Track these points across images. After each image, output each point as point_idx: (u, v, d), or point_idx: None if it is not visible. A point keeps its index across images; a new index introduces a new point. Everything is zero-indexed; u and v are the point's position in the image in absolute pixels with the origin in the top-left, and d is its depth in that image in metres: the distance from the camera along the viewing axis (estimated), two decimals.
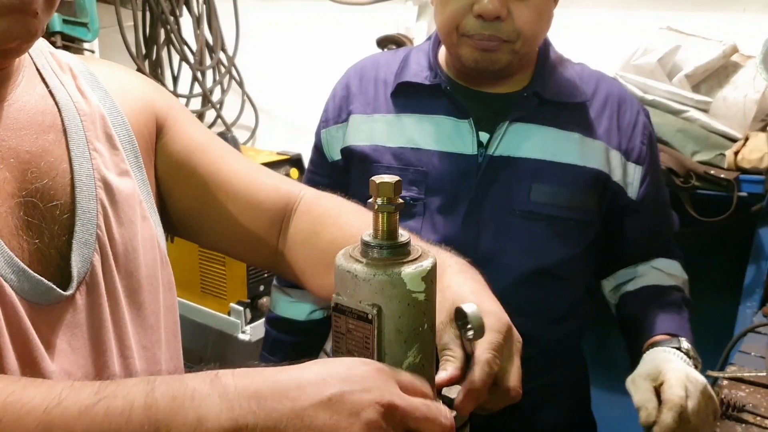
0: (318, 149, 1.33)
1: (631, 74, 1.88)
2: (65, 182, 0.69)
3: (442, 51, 1.26)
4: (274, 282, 1.45)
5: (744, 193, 1.68)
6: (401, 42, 2.20)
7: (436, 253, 0.68)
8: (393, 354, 0.60)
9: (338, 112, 1.28)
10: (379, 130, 1.22)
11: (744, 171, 1.70)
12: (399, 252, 0.60)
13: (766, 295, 1.74)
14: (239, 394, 0.53)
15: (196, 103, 2.72)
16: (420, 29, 2.39)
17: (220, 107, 2.73)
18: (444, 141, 1.18)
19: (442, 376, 0.63)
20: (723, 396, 1.22)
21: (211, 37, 2.63)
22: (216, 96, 2.72)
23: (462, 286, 0.68)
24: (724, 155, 1.73)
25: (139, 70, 2.36)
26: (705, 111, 1.85)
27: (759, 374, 1.32)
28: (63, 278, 0.68)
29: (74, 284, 0.67)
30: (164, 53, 2.56)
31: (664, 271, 1.32)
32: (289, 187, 0.92)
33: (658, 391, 1.02)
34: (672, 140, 1.79)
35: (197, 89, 2.64)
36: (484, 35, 1.10)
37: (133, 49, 2.37)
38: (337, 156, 1.28)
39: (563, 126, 1.19)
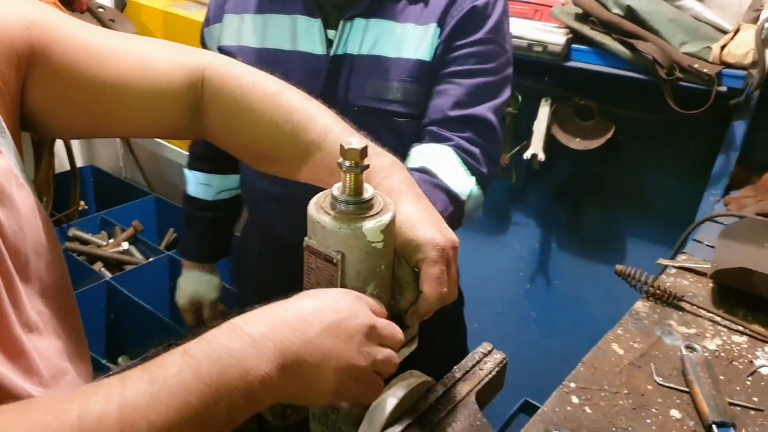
0: (203, 48, 1.38)
1: None
2: None
3: None
4: (186, 162, 1.62)
5: (724, 88, 1.74)
6: None
7: (392, 176, 0.79)
8: (354, 289, 0.73)
9: (217, 11, 1.33)
10: (246, 30, 1.27)
11: (728, 65, 1.75)
12: (363, 207, 0.71)
13: (731, 184, 1.84)
14: (264, 338, 0.63)
15: None
16: None
17: None
18: (299, 41, 1.24)
19: (402, 306, 0.77)
20: (667, 285, 1.36)
21: None
22: None
23: (410, 217, 0.76)
24: (710, 48, 1.77)
25: None
26: (701, 0, 1.86)
27: (704, 265, 1.45)
28: None
29: None
30: None
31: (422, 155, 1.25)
32: (185, 59, 0.87)
33: None
34: (662, 29, 1.81)
35: None
36: None
37: None
38: None
39: (402, 19, 1.21)
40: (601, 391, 1.14)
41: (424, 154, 1.17)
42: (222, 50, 1.30)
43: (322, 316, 0.66)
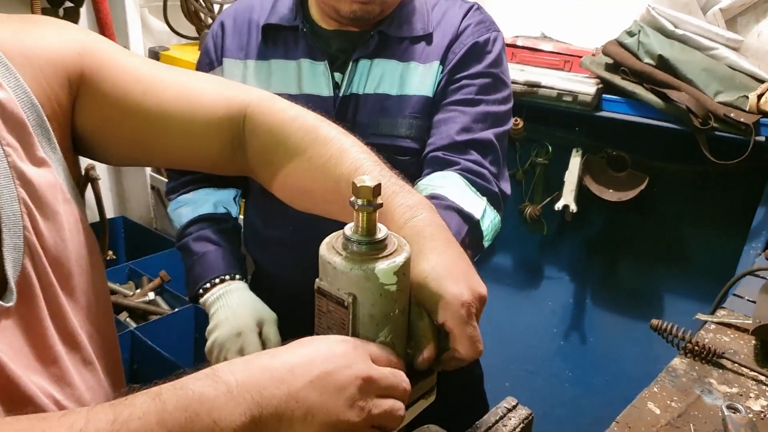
0: None
1: (664, 7, 1.85)
2: None
3: None
4: (168, 202, 1.38)
5: (762, 138, 1.69)
6: None
7: (419, 216, 0.75)
8: (366, 335, 0.69)
9: (216, 54, 1.32)
10: (250, 76, 1.27)
11: (766, 115, 1.70)
12: (375, 247, 0.67)
13: None
14: (241, 389, 0.58)
15: None
16: None
17: None
18: (305, 84, 1.25)
19: (421, 358, 0.72)
20: (706, 341, 1.29)
21: None
22: None
23: (437, 269, 0.72)
24: (747, 97, 1.72)
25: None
26: (735, 49, 1.83)
27: (745, 321, 1.37)
28: None
29: (13, 296, 0.67)
30: None
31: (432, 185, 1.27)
32: (231, 93, 0.89)
33: None
34: (696, 78, 1.78)
35: None
36: None
37: None
38: None
39: (405, 58, 1.25)
40: None
41: (431, 183, 1.16)
42: None
43: (310, 367, 0.62)
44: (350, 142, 0.84)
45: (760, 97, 1.71)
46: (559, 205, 2.06)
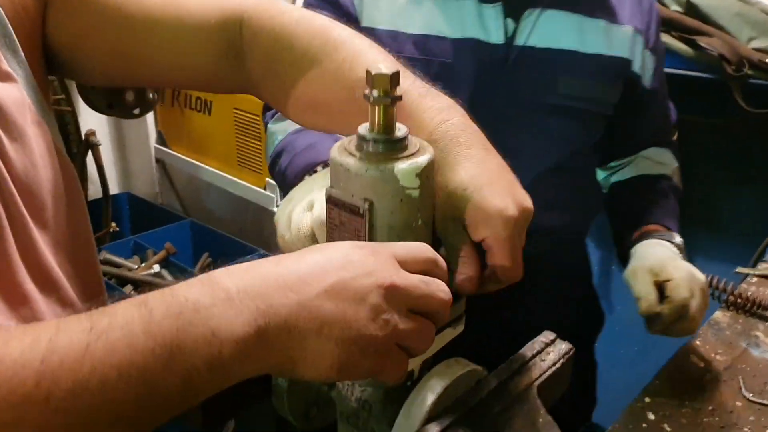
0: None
1: None
2: None
3: None
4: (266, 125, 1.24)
5: None
6: None
7: (452, 119, 0.65)
8: None
9: None
10: (399, 10, 1.10)
11: None
12: (394, 147, 0.58)
13: None
14: (243, 296, 0.49)
15: None
16: None
17: None
18: (470, 28, 1.09)
19: (462, 277, 0.63)
20: (749, 294, 1.20)
21: None
22: None
23: (477, 178, 0.62)
24: None
25: None
26: None
27: None
28: None
29: None
30: None
31: (653, 159, 1.31)
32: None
33: (657, 285, 1.03)
34: (728, 24, 1.67)
35: None
36: None
37: None
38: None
39: (590, 13, 1.13)
40: (681, 407, 0.98)
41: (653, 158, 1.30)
42: (367, 32, 1.02)
43: (323, 275, 0.51)
44: (366, 44, 0.72)
45: None
46: None
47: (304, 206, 0.68)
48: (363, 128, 0.59)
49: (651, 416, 0.96)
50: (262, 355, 0.49)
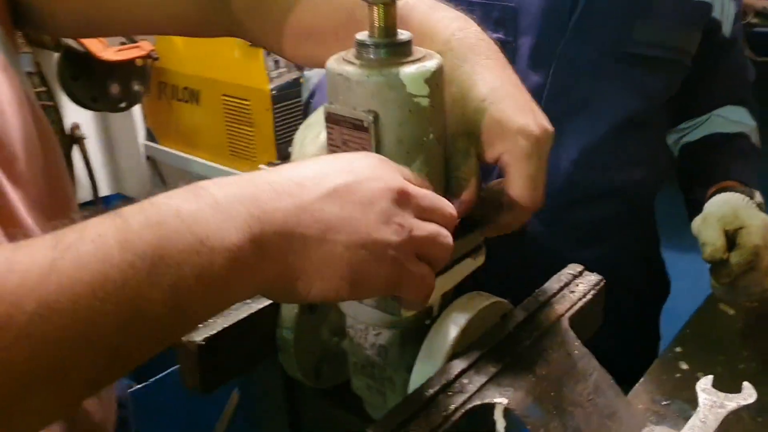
0: None
1: None
2: None
3: None
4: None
5: None
6: None
7: (467, 29, 0.58)
8: None
9: None
10: None
11: None
12: (398, 51, 0.52)
13: None
14: (232, 200, 0.43)
15: None
16: None
17: None
18: None
19: (459, 200, 0.56)
20: None
21: None
22: None
23: (496, 91, 0.56)
24: None
25: None
26: None
27: None
28: None
29: None
30: None
31: (728, 118, 1.18)
32: None
33: (728, 235, 0.92)
34: None
35: None
36: None
37: None
38: None
39: None
40: (715, 354, 0.92)
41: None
42: None
43: (324, 179, 0.45)
44: None
45: None
46: None
47: (316, 133, 0.61)
48: (362, 35, 0.53)
49: (684, 365, 0.90)
50: (260, 265, 0.43)
